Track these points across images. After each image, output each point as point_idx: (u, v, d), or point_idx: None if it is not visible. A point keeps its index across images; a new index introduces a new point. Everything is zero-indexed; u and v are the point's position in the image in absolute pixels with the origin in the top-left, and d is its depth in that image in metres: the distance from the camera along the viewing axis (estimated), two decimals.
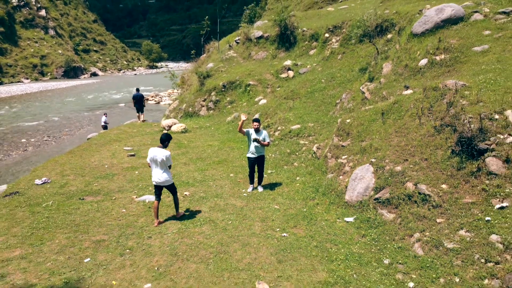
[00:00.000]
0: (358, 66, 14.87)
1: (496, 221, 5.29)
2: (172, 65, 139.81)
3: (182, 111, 20.71)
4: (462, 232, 5.49)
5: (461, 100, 7.23)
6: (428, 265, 5.26)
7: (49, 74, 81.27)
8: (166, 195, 8.56)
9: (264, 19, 70.18)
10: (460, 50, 10.02)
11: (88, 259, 6.04)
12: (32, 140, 22.90)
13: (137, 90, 20.24)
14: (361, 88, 11.77)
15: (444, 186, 6.31)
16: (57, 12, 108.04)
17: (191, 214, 7.66)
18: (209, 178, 9.92)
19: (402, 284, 5.05)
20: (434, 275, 5.05)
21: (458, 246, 5.31)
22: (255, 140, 8.54)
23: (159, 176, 7.10)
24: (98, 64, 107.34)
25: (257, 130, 8.70)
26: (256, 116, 15.27)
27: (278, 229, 6.89)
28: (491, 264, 4.85)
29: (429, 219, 6.04)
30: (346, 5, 29.15)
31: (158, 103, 40.14)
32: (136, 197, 8.64)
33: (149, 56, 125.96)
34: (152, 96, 45.47)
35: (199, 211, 7.80)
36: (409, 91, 9.65)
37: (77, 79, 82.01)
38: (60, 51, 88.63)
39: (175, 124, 15.94)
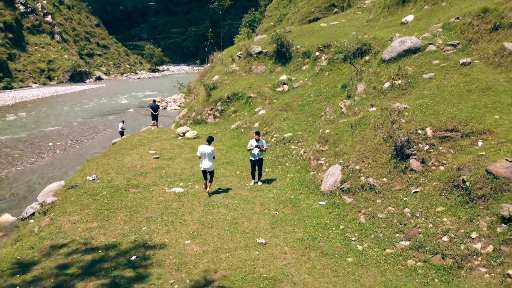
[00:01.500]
0: (341, 83, 17.88)
1: (410, 200, 8.30)
2: (173, 68, 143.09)
3: (192, 118, 23.70)
4: (389, 208, 8.50)
5: (401, 119, 10.24)
6: (365, 228, 8.28)
7: (56, 78, 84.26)
8: (190, 187, 11.56)
9: (263, 26, 73.18)
10: (413, 76, 13.03)
11: (144, 227, 9.04)
12: (58, 144, 25.88)
13: (154, 101, 23.22)
14: (339, 104, 14.79)
15: (384, 179, 9.33)
16: (61, 17, 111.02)
17: (210, 200, 10.65)
18: (220, 175, 12.92)
19: (348, 239, 8.07)
20: (368, 233, 8.07)
21: (386, 216, 8.32)
22: (257, 147, 11.54)
23: (206, 164, 10.76)
24: (101, 68, 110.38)
25: (257, 140, 11.70)
26: (256, 124, 18.28)
27: (272, 209, 9.90)
28: (402, 225, 7.86)
29: (372, 200, 9.05)
30: (337, 20, 32.21)
31: (165, 108, 43.10)
32: (168, 189, 11.63)
33: (151, 59, 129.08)
34: (158, 102, 48.48)
35: (216, 199, 10.79)
36: (373, 109, 12.65)
37: (83, 83, 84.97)
38: (66, 56, 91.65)
39: (188, 131, 18.93)
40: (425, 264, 6.79)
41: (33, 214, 13.02)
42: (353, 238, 8.03)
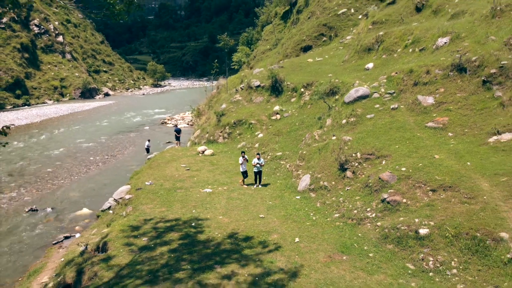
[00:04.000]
0: (318, 115, 24.60)
1: (344, 194, 14.97)
2: (174, 83, 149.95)
3: (205, 138, 30.35)
4: (333, 198, 15.17)
5: (345, 147, 16.96)
6: (319, 209, 14.94)
7: (67, 95, 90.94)
8: (215, 189, 18.20)
9: (260, 49, 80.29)
10: (360, 116, 19.76)
11: (194, 210, 15.64)
12: (98, 158, 32.43)
13: (176, 126, 29.85)
14: (314, 133, 21.55)
15: (333, 182, 16.01)
16: (70, 35, 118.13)
17: (230, 195, 17.24)
18: (234, 181, 19.54)
19: (309, 214, 14.71)
20: (319, 211, 14.73)
21: (330, 202, 15.00)
22: (258, 164, 18.20)
23: (244, 168, 17.45)
24: (108, 84, 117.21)
25: (258, 158, 18.37)
26: (256, 145, 24.93)
27: (267, 201, 16.53)
28: (337, 206, 14.53)
29: (325, 195, 15.72)
30: (322, 56, 39.19)
31: (176, 126, 49.71)
32: (201, 190, 18.23)
33: (154, 75, 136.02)
34: (168, 119, 55.19)
35: (233, 196, 17.38)
36: (334, 138, 19.35)
37: (93, 99, 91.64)
38: (76, 74, 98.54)
39: (206, 150, 25.56)
40: (344, 224, 13.44)
41: (109, 208, 19.60)
42: (311, 214, 14.68)
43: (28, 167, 30.11)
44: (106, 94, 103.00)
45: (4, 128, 9.46)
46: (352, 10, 54.21)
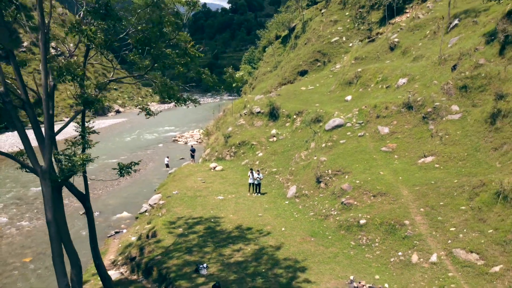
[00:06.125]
0: (305, 139, 30.87)
1: (318, 199, 21.19)
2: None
3: (215, 156, 36.66)
4: (310, 202, 21.40)
5: (321, 165, 23.23)
6: (300, 210, 21.18)
7: None
8: (226, 196, 24.46)
9: (261, 70, 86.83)
10: (335, 141, 26.04)
11: (212, 211, 21.89)
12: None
13: (192, 146, 36.25)
14: (301, 153, 27.85)
15: (312, 191, 22.27)
16: (81, 55, 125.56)
17: (238, 202, 23.49)
18: (240, 191, 25.79)
19: (293, 213, 20.93)
20: (301, 211, 20.95)
21: (309, 205, 21.23)
22: (258, 178, 24.48)
23: (253, 179, 23.64)
24: (118, 101, 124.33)
25: (258, 173, 24.66)
26: (257, 162, 31.20)
27: (264, 205, 22.76)
28: (313, 207, 20.75)
29: (305, 200, 21.96)
30: (313, 85, 45.73)
31: (186, 143, 56.15)
32: (216, 197, 24.46)
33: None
34: (179, 137, 61.60)
35: (239, 201, 23.61)
36: (315, 158, 25.62)
37: (106, 116, 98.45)
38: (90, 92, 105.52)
39: (216, 166, 31.84)
40: (315, 219, 19.64)
41: (145, 211, 25.86)
42: (295, 213, 20.91)
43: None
44: (117, 111, 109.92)
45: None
46: (344, 39, 60.99)
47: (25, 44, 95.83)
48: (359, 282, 13.69)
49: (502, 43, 23.41)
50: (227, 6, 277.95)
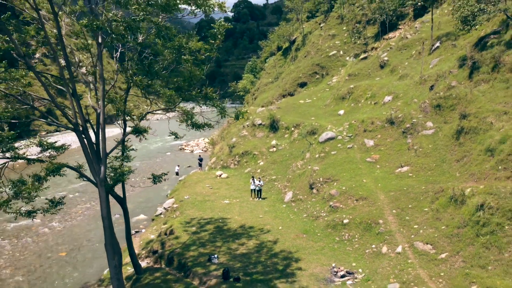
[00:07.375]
0: (302, 149, 34.48)
1: (311, 203, 24.78)
2: (182, 105, 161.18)
3: (220, 164, 40.29)
4: (304, 205, 24.99)
5: (313, 174, 26.84)
6: (296, 212, 24.78)
7: (91, 121, 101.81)
8: (231, 201, 28.07)
9: (263, 81, 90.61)
10: (327, 152, 29.64)
11: (220, 213, 25.50)
12: (137, 179, 42.40)
13: (199, 155, 39.92)
14: (297, 163, 31.47)
15: (305, 196, 25.87)
16: (90, 65, 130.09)
17: (242, 206, 27.09)
18: (243, 196, 29.38)
19: (289, 215, 24.52)
20: (296, 213, 24.55)
21: (303, 208, 24.82)
22: (259, 184, 28.10)
23: (255, 185, 27.20)
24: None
25: (259, 180, 28.28)
26: (258, 170, 34.81)
27: (265, 208, 26.35)
28: (306, 210, 24.34)
29: (300, 204, 25.56)
30: (311, 98, 49.44)
31: (192, 152, 59.82)
32: (222, 201, 28.06)
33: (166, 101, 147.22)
34: (185, 145, 65.29)
35: (243, 205, 27.20)
36: (309, 167, 29.21)
37: (113, 124, 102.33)
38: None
39: (222, 174, 35.47)
40: (308, 219, 23.21)
41: (160, 213, 29.49)
42: (291, 215, 24.49)
43: (87, 187, 40.12)
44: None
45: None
46: (341, 52, 64.69)
47: (37, 55, 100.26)
48: (339, 268, 17.27)
49: (470, 68, 27.06)
50: (230, 15, 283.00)
